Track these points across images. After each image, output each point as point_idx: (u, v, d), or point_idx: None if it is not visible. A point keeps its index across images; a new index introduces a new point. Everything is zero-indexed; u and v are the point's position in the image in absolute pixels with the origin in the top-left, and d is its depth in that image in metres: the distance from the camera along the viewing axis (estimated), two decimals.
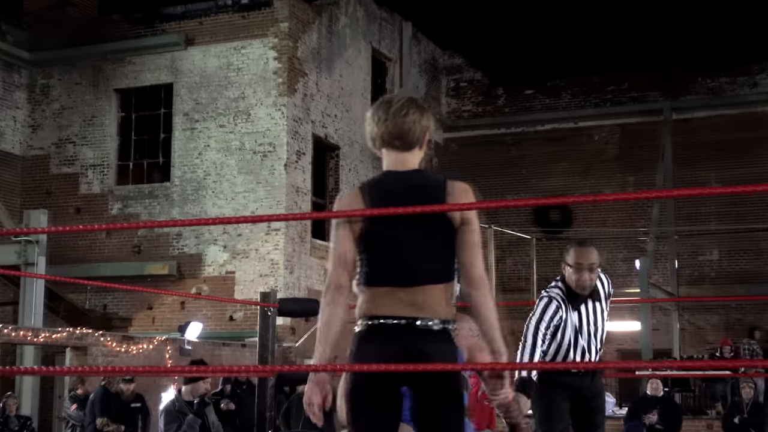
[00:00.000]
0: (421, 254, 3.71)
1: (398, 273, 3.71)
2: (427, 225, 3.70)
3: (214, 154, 20.94)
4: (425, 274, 3.71)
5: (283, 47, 20.76)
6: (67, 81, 22.45)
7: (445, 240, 3.73)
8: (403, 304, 3.68)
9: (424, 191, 3.75)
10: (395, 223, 3.68)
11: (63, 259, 20.74)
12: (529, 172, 27.30)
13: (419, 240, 3.70)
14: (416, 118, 3.92)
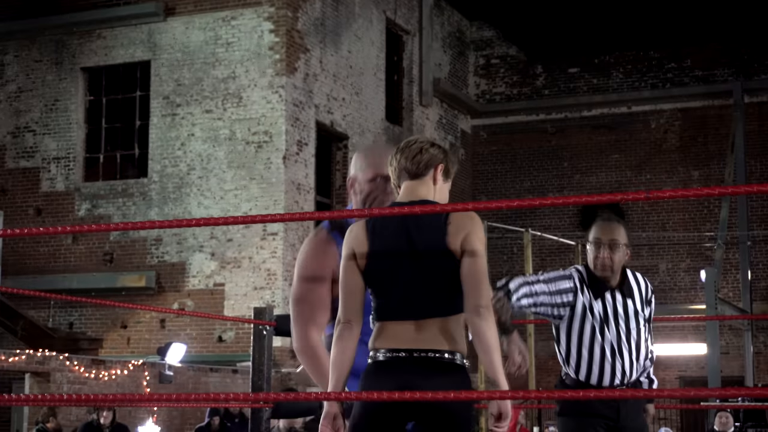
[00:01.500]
0: (421, 287, 4.23)
1: (399, 306, 4.24)
2: (428, 258, 4.22)
3: (200, 144, 21.05)
4: (426, 307, 4.22)
5: (281, 18, 20.86)
6: (24, 58, 22.59)
7: (446, 272, 4.21)
8: (405, 338, 4.20)
9: (424, 219, 4.24)
10: (396, 256, 4.25)
11: (21, 270, 20.87)
12: (572, 165, 27.33)
13: (419, 273, 4.23)
14: (424, 146, 4.46)
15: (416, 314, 4.21)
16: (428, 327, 4.20)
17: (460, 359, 4.21)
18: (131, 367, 16.99)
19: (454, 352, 4.20)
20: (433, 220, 4.23)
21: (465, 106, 28.14)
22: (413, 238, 4.23)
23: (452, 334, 4.20)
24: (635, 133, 27.36)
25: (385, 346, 4.21)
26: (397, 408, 4.13)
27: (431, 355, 4.16)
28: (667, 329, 25.91)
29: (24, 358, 15.57)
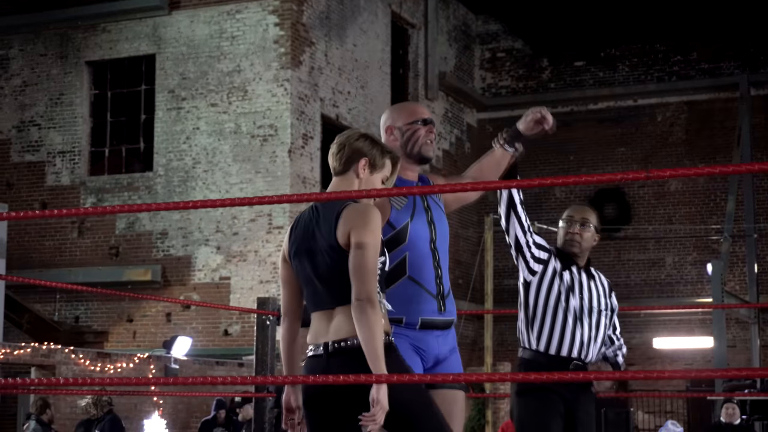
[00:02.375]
0: (321, 281, 4.50)
1: (309, 300, 4.58)
2: (322, 254, 4.48)
3: (205, 138, 21.05)
4: (327, 299, 4.49)
5: (286, 11, 20.86)
6: (29, 52, 22.61)
7: (337, 264, 4.44)
8: (321, 330, 4.49)
9: (323, 216, 4.52)
10: (301, 255, 4.56)
11: (26, 263, 20.90)
12: (579, 158, 27.31)
13: (319, 267, 4.50)
14: (348, 142, 4.62)
15: (321, 306, 4.50)
16: (335, 317, 4.45)
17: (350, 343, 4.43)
18: (137, 360, 17.00)
19: (346, 339, 4.42)
20: (328, 215, 4.47)
21: (471, 100, 28.12)
22: (315, 235, 4.50)
23: (347, 323, 4.40)
24: (641, 126, 27.34)
25: (312, 341, 4.52)
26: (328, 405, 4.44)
27: (342, 345, 4.41)
28: (673, 323, 25.91)
29: (29, 351, 15.60)
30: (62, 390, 10.86)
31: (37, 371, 15.82)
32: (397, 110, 5.32)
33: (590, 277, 6.30)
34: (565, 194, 27.63)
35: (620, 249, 26.91)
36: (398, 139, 5.19)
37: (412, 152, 5.20)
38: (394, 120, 5.22)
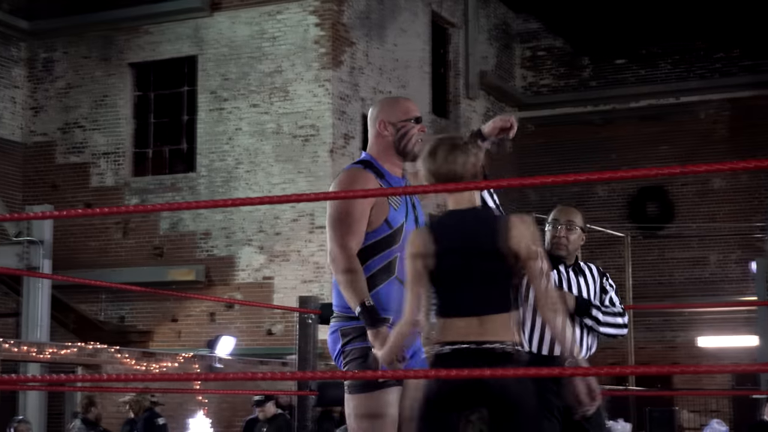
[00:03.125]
0: (480, 286, 4.58)
1: (462, 303, 4.59)
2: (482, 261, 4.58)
3: (246, 138, 21.17)
4: (484, 303, 4.57)
5: (326, 11, 20.94)
6: (73, 55, 22.82)
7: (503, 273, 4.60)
8: (467, 332, 4.53)
9: (484, 226, 4.64)
10: (455, 258, 4.60)
11: (71, 264, 21.08)
12: (620, 156, 27.21)
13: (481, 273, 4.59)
14: (463, 160, 4.74)
15: (475, 311, 4.55)
16: (487, 321, 4.54)
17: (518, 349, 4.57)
18: (181, 359, 17.13)
19: (513, 343, 4.56)
20: (489, 224, 4.63)
21: (511, 99, 28.08)
22: (472, 240, 4.61)
23: (510, 329, 4.56)
24: (683, 124, 27.20)
25: (448, 339, 4.55)
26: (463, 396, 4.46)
27: (492, 347, 4.51)
28: (717, 321, 25.76)
29: (75, 350, 15.76)
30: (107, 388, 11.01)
31: (83, 370, 15.98)
32: (390, 105, 5.37)
33: (578, 273, 6.35)
34: (607, 193, 27.55)
35: (663, 247, 26.79)
36: (391, 135, 5.26)
37: (405, 149, 5.29)
38: (388, 115, 5.28)
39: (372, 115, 5.34)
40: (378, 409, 4.98)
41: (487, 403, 4.46)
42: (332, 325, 5.17)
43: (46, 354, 15.22)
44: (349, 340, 5.06)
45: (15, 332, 20.23)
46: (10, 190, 22.31)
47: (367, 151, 5.34)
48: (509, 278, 4.62)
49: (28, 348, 15.10)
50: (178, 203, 5.21)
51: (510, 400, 4.45)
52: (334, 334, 5.14)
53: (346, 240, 5.03)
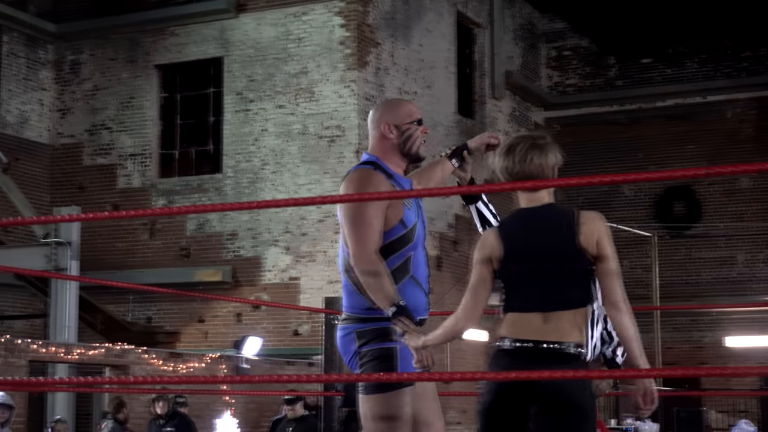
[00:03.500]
0: (546, 282, 4.62)
1: (528, 300, 4.63)
2: (551, 258, 4.62)
3: (272, 139, 21.20)
4: (550, 301, 4.61)
5: (351, 12, 20.94)
6: (100, 57, 22.91)
7: (574, 271, 4.61)
8: (533, 329, 4.59)
9: (554, 223, 4.67)
10: (524, 255, 4.65)
11: (98, 265, 21.16)
12: (647, 156, 27.12)
13: (549, 271, 4.62)
14: (541, 161, 4.81)
15: (544, 307, 4.59)
16: (555, 319, 4.59)
17: (583, 351, 4.60)
18: (208, 360, 17.17)
19: (579, 344, 4.59)
20: (562, 222, 4.67)
21: (537, 99, 28.03)
22: (542, 237, 4.66)
23: (578, 328, 4.59)
24: (710, 123, 27.10)
25: (512, 335, 4.62)
26: (520, 393, 4.54)
27: (556, 347, 4.55)
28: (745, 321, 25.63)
29: (103, 351, 15.82)
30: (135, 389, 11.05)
31: (111, 371, 16.03)
32: (394, 107, 5.40)
33: None
34: (634, 193, 27.46)
35: (690, 247, 26.67)
36: (396, 138, 5.29)
37: (410, 151, 5.34)
38: (392, 117, 5.30)
39: (374, 116, 5.34)
40: (394, 410, 4.98)
41: (540, 401, 4.53)
42: (344, 327, 5.16)
43: (74, 355, 15.28)
44: (366, 342, 5.04)
45: (43, 333, 20.34)
46: (37, 192, 22.42)
47: (370, 152, 5.33)
48: (578, 275, 4.63)
49: (56, 349, 15.16)
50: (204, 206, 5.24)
51: (562, 400, 4.50)
52: (348, 336, 5.12)
53: (367, 241, 5.01)
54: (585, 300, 4.66)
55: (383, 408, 4.99)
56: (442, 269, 23.13)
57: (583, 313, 4.65)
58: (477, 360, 24.12)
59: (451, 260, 23.48)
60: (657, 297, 22.20)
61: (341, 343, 5.17)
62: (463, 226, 24.08)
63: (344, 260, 5.14)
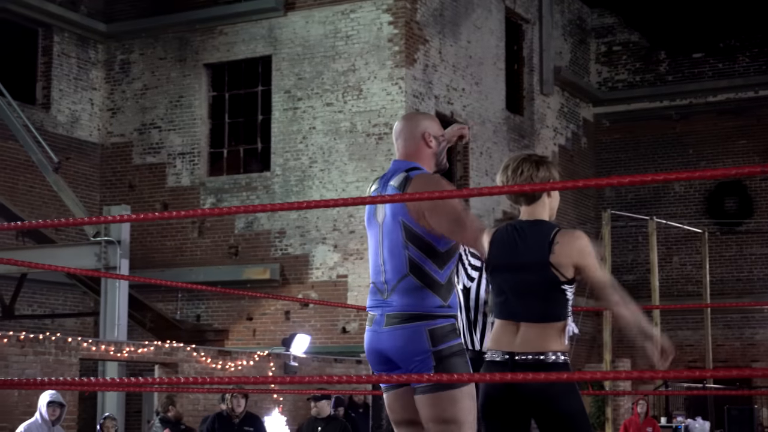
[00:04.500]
0: (521, 296, 4.90)
1: (503, 310, 4.95)
2: (529, 273, 4.89)
3: (321, 137, 21.22)
4: (531, 313, 4.86)
5: (400, 9, 20.91)
6: (149, 56, 23.04)
7: (546, 285, 4.86)
8: (515, 340, 4.86)
9: (534, 239, 4.92)
10: (504, 268, 4.96)
11: (148, 263, 21.30)
12: (698, 152, 26.88)
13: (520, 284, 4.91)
14: (531, 173, 5.01)
15: (515, 317, 4.88)
16: (531, 331, 4.84)
17: (560, 359, 4.84)
18: (257, 357, 17.21)
19: (551, 354, 4.82)
20: (540, 238, 4.90)
21: (587, 94, 27.87)
22: (519, 252, 4.93)
23: (551, 339, 4.83)
24: (763, 118, 26.81)
25: (493, 347, 4.92)
26: (509, 403, 4.83)
27: (529, 358, 4.81)
28: None
29: (152, 349, 15.89)
30: (185, 388, 11.10)
31: (160, 369, 16.12)
32: (432, 119, 5.51)
33: None
34: (684, 188, 27.23)
35: (742, 243, 26.41)
36: (434, 149, 5.40)
37: (441, 162, 5.47)
38: (431, 128, 5.43)
39: (412, 125, 5.41)
40: (469, 401, 5.09)
41: (530, 411, 4.81)
42: (411, 326, 5.09)
43: (124, 353, 15.37)
44: (442, 339, 5.05)
45: (94, 331, 20.52)
46: (88, 191, 22.60)
47: (410, 159, 5.38)
48: (550, 290, 4.84)
49: (106, 347, 15.26)
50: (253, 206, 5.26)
51: (550, 408, 4.76)
52: (418, 334, 5.07)
53: (479, 235, 5.14)
54: (559, 315, 4.87)
55: (464, 401, 5.05)
56: None
57: (558, 327, 4.87)
58: None
59: None
60: (708, 294, 21.99)
61: (409, 341, 5.09)
62: None
63: (408, 260, 5.12)
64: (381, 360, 5.16)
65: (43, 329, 18.44)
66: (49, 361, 14.36)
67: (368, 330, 5.20)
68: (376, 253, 5.23)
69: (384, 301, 5.15)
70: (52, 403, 11.43)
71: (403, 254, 5.14)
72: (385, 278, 5.17)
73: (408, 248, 5.12)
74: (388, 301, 5.14)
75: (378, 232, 5.24)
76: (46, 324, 20.94)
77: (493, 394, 4.88)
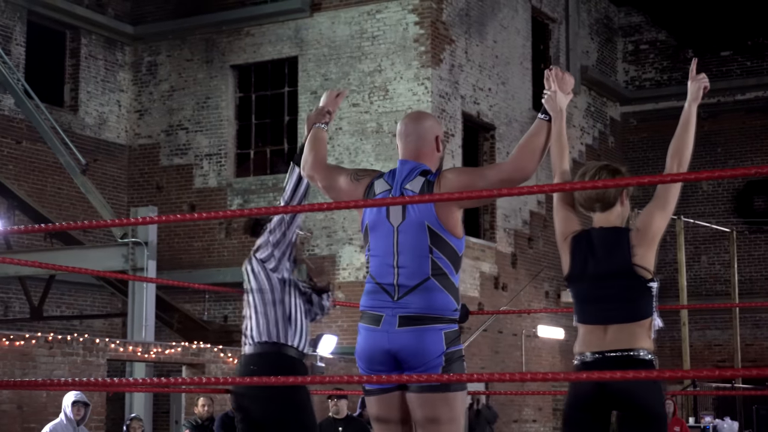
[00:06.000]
0: (607, 301, 5.02)
1: (589, 316, 5.06)
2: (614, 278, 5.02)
3: (347, 137, 21.23)
4: (617, 315, 4.99)
5: (425, 9, 20.90)
6: (176, 58, 23.11)
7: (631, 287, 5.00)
8: (602, 341, 4.98)
9: (611, 244, 5.07)
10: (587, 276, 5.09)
11: (175, 265, 21.35)
12: (726, 150, 26.74)
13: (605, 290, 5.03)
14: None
15: (605, 320, 4.99)
16: (618, 331, 4.96)
17: (650, 357, 4.96)
18: None
19: (643, 351, 4.96)
20: (619, 243, 5.06)
21: (614, 93, 27.77)
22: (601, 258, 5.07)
23: (641, 338, 4.97)
24: None
25: (580, 349, 5.04)
26: (598, 401, 4.94)
27: (622, 356, 4.93)
28: None
29: (180, 350, 15.92)
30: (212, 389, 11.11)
31: (188, 370, 16.15)
32: (439, 123, 5.54)
33: None
34: (712, 187, 27.10)
35: None
36: (441, 153, 5.41)
37: (440, 163, 5.49)
38: (441, 133, 5.45)
39: (425, 127, 5.37)
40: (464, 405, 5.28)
41: (618, 407, 4.93)
42: (433, 328, 5.11)
43: (152, 354, 15.41)
44: (451, 343, 5.11)
45: (121, 332, 20.59)
46: (115, 192, 22.69)
47: (419, 161, 5.33)
48: (635, 291, 4.98)
49: (134, 348, 15.30)
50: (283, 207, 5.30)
51: (637, 405, 4.87)
52: (438, 336, 5.10)
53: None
54: (645, 313, 5.00)
55: (463, 404, 5.21)
56: (517, 266, 23.02)
57: (645, 324, 5.00)
58: (553, 358, 23.97)
59: (526, 257, 23.35)
60: (736, 293, 21.88)
61: (429, 342, 5.12)
62: (538, 222, 23.93)
63: (431, 264, 5.13)
64: (384, 360, 5.14)
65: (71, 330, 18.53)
66: (77, 362, 14.42)
67: (370, 329, 5.15)
68: (389, 255, 5.18)
69: (395, 302, 5.13)
70: (76, 402, 11.45)
71: (427, 258, 5.13)
72: (398, 280, 5.14)
73: (432, 252, 5.12)
74: (401, 303, 5.12)
75: (391, 234, 5.18)
76: (74, 325, 21.04)
77: (583, 391, 4.97)
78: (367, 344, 5.18)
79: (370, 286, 5.21)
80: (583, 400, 5.01)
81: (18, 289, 20.12)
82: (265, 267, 6.64)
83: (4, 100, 20.91)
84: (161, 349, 15.64)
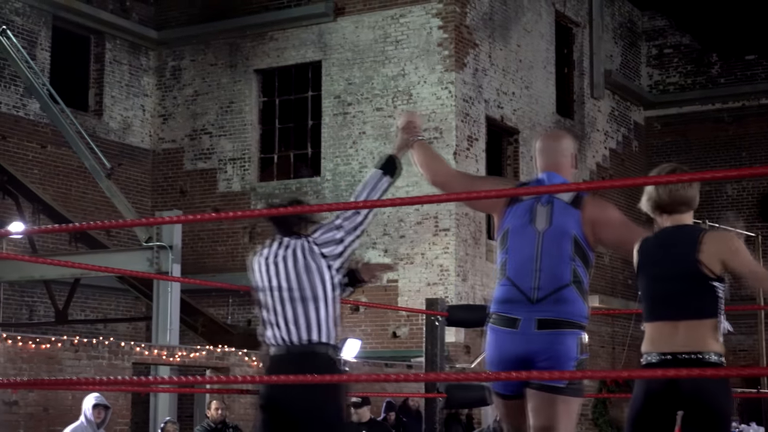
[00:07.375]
0: (674, 296, 5.01)
1: (656, 312, 5.05)
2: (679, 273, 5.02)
3: (371, 142, 21.24)
4: (684, 312, 4.98)
5: (449, 13, 20.90)
6: (200, 62, 23.18)
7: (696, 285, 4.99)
8: (671, 341, 4.97)
9: (679, 240, 5.07)
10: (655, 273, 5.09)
11: (200, 269, 21.40)
12: (751, 155, 26.64)
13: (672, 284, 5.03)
14: (681, 185, 5.16)
15: (674, 317, 4.98)
16: (686, 330, 4.96)
17: (718, 359, 4.95)
18: None
19: (711, 353, 4.94)
20: (686, 241, 5.04)
21: (637, 98, 27.70)
22: (668, 256, 5.06)
23: (709, 337, 4.96)
24: None
25: (648, 349, 5.02)
26: (665, 401, 4.92)
27: (691, 357, 4.91)
28: None
29: (204, 354, 15.96)
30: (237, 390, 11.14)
31: (212, 373, 16.18)
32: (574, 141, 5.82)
33: None
34: (737, 191, 26.99)
35: None
36: (576, 169, 5.73)
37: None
38: (576, 151, 5.76)
39: (567, 145, 5.69)
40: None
41: (685, 407, 4.89)
42: (571, 333, 5.37)
43: (176, 357, 15.45)
44: (583, 351, 5.37)
45: (146, 336, 20.64)
46: (140, 197, 22.76)
47: (560, 174, 5.61)
48: (701, 288, 4.98)
49: (158, 351, 15.34)
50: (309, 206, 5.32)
51: (706, 405, 4.86)
52: (573, 341, 5.36)
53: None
54: (711, 312, 5.00)
55: (578, 411, 5.46)
56: None
57: (711, 324, 5.00)
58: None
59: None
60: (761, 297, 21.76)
61: (566, 347, 5.36)
62: None
63: (573, 271, 5.40)
64: (517, 363, 5.35)
65: (96, 334, 18.58)
66: (103, 365, 14.47)
67: (507, 332, 5.36)
68: (530, 259, 5.41)
69: (532, 305, 5.34)
70: (97, 405, 11.50)
71: (569, 265, 5.40)
72: (539, 284, 5.35)
73: (575, 260, 5.40)
74: (538, 307, 5.34)
75: (535, 239, 5.42)
76: (98, 329, 21.12)
77: (655, 390, 4.97)
78: (501, 347, 5.40)
79: (505, 289, 5.42)
80: (654, 400, 5.00)
81: (42, 293, 20.21)
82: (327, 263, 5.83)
83: (30, 104, 21.03)
84: (186, 353, 15.68)
